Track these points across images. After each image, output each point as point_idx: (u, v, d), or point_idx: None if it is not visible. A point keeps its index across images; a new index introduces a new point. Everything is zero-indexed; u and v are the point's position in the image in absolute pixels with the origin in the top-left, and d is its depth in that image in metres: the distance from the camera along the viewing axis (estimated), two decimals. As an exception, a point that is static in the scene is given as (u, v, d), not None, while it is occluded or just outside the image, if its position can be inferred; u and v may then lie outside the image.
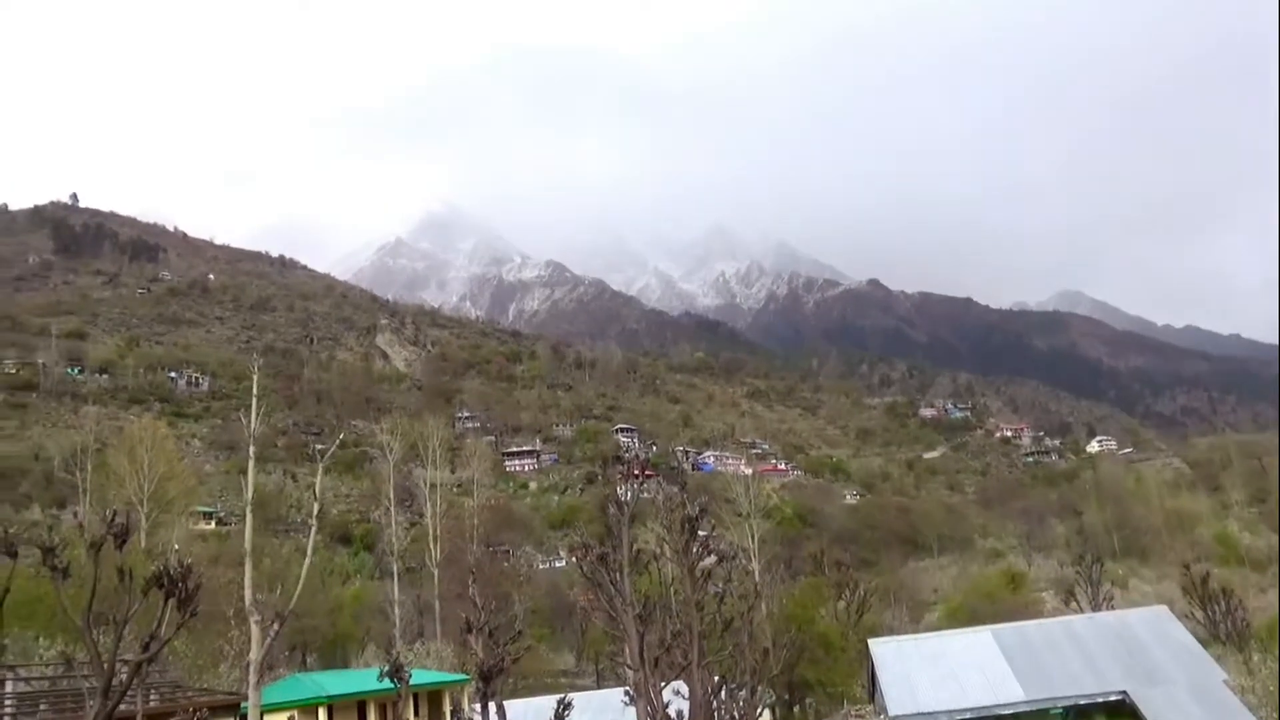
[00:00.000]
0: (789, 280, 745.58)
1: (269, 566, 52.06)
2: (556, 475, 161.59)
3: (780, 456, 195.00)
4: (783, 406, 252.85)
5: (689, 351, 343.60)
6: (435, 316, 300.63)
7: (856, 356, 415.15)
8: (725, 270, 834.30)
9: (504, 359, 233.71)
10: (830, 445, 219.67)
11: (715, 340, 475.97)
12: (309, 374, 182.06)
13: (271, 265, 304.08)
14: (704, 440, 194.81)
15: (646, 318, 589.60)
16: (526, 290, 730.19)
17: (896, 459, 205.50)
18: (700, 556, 21.89)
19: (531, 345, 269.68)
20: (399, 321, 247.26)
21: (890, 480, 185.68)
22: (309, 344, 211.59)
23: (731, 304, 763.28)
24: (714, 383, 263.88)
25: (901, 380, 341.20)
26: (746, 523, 66.83)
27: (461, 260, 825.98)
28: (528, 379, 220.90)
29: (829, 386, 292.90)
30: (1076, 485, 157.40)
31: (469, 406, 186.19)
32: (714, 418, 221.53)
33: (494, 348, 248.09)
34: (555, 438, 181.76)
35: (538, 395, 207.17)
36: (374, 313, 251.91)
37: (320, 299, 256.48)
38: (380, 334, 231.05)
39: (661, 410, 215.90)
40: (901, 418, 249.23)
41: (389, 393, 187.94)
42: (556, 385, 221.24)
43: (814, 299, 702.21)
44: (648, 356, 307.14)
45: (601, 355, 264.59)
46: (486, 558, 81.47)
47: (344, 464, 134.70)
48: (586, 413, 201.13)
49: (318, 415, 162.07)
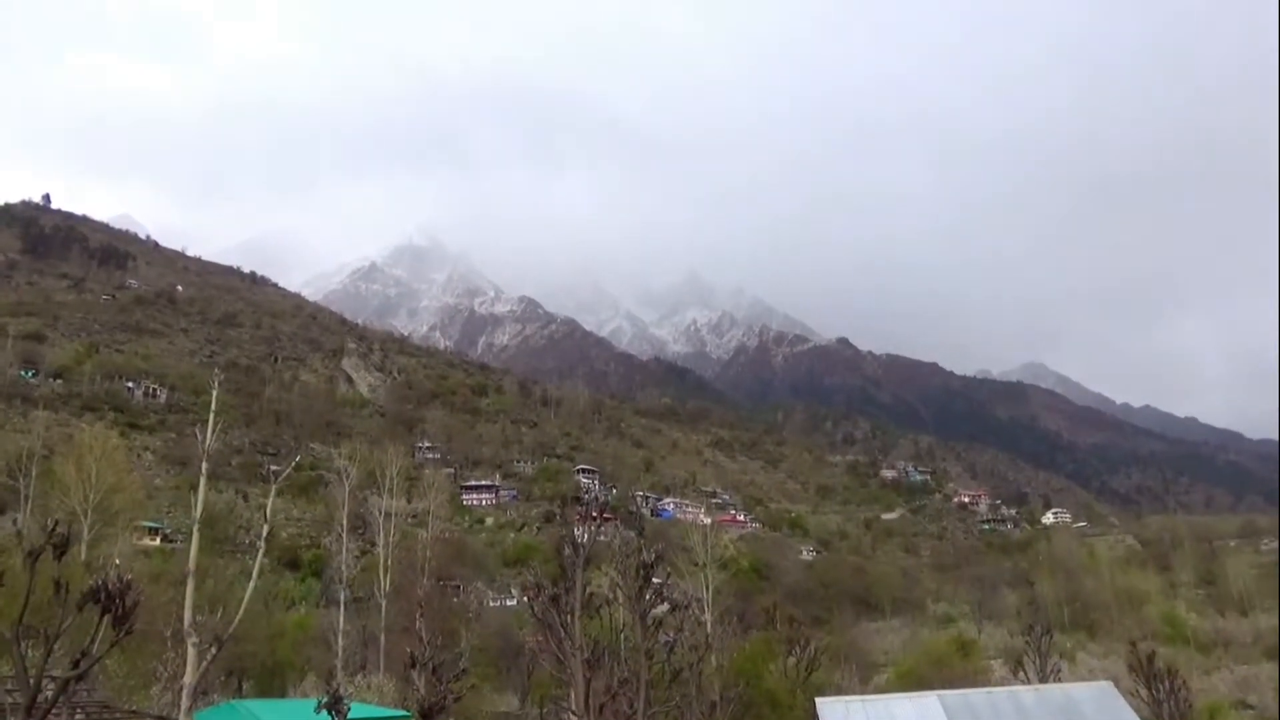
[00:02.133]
0: (759, 333, 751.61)
1: (212, 587, 50.81)
2: (514, 512, 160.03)
3: (740, 508, 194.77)
4: (745, 458, 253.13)
5: (656, 396, 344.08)
6: (403, 344, 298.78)
7: (822, 413, 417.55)
8: (697, 318, 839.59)
9: (470, 391, 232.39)
10: (790, 500, 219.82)
11: (683, 387, 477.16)
12: (270, 393, 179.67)
13: (242, 281, 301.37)
14: (665, 487, 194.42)
15: (616, 360, 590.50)
16: (497, 324, 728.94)
17: (855, 518, 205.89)
18: (653, 604, 21.71)
19: (499, 379, 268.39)
20: (366, 346, 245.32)
21: (848, 539, 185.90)
22: (273, 363, 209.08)
23: (701, 352, 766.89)
24: (679, 429, 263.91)
25: (864, 440, 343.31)
26: (702, 572, 66.29)
27: (434, 290, 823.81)
28: (492, 413, 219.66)
29: (793, 441, 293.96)
30: (1030, 555, 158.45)
31: (430, 437, 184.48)
32: (676, 464, 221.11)
33: (460, 379, 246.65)
34: (516, 474, 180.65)
35: (501, 430, 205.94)
36: (342, 336, 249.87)
37: (288, 318, 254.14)
38: (346, 357, 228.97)
39: (624, 454, 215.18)
40: (862, 477, 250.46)
41: (350, 417, 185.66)
42: (521, 421, 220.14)
43: (783, 353, 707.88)
44: (614, 399, 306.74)
45: (568, 394, 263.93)
46: (436, 592, 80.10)
47: (298, 486, 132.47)
48: (549, 451, 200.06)
49: (275, 435, 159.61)
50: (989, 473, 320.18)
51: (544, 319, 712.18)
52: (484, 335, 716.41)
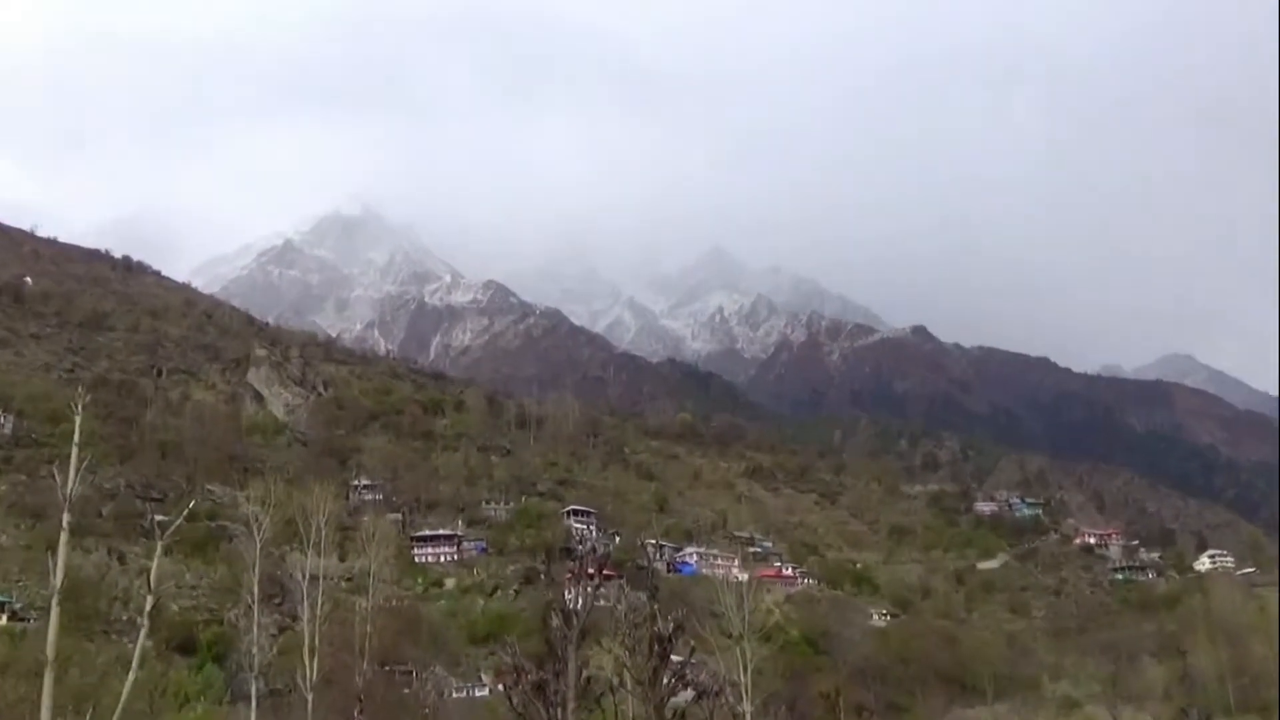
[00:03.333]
0: (807, 323, 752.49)
1: (78, 680, 50.85)
2: (483, 570, 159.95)
3: (787, 558, 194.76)
4: (792, 491, 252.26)
5: (670, 411, 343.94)
6: (331, 348, 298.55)
7: (894, 428, 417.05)
8: (724, 305, 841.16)
9: (420, 409, 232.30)
10: (854, 546, 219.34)
11: (707, 398, 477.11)
12: (153, 418, 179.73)
13: (113, 270, 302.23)
14: (685, 532, 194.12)
15: (616, 363, 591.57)
16: (456, 319, 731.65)
17: (942, 568, 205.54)
18: (673, 690, 21.63)
19: (459, 392, 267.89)
20: (281, 353, 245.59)
21: (932, 597, 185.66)
22: (156, 377, 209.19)
23: (730, 350, 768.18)
24: (702, 454, 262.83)
25: (952, 463, 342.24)
26: (737, 646, 66.17)
27: (371, 275, 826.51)
28: (451, 438, 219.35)
29: (856, 467, 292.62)
30: (1181, 614, 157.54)
31: (369, 471, 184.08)
32: (700, 502, 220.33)
33: (407, 394, 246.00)
34: (484, 519, 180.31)
35: (464, 460, 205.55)
36: (248, 339, 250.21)
37: (175, 317, 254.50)
38: (254, 368, 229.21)
39: (630, 488, 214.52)
40: (950, 513, 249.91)
41: (261, 448, 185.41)
42: (490, 448, 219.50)
43: (840, 349, 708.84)
44: (615, 416, 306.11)
45: (553, 410, 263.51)
46: (381, 680, 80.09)
47: (192, 543, 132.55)
48: (528, 487, 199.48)
49: (161, 475, 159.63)
50: (1121, 503, 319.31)
51: (518, 311, 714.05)
52: (439, 334, 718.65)
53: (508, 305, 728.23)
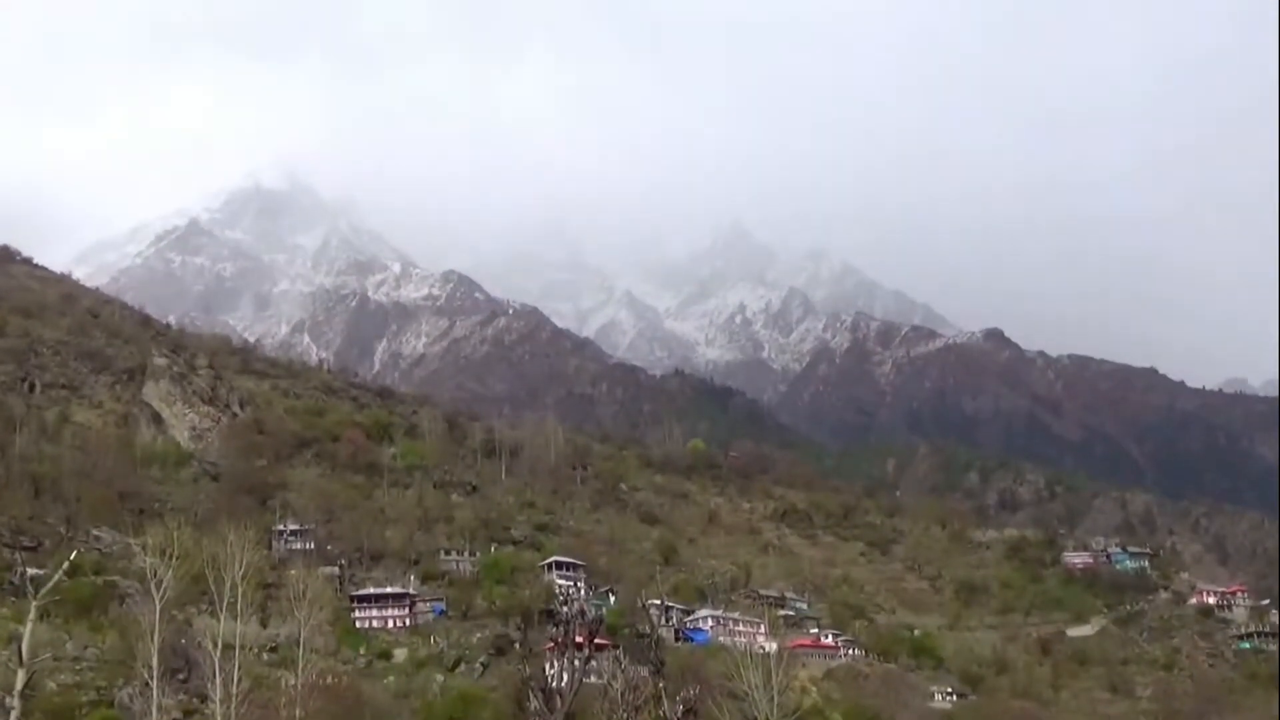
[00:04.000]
0: (852, 325, 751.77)
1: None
2: (442, 638, 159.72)
3: (826, 623, 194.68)
4: (834, 537, 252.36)
5: (679, 437, 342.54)
6: (249, 356, 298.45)
7: (961, 458, 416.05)
8: (746, 303, 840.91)
9: (363, 435, 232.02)
10: (912, 607, 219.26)
11: (724, 420, 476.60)
12: (24, 445, 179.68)
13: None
14: (697, 590, 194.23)
15: (610, 376, 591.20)
16: (407, 319, 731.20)
17: (1022, 636, 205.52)
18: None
19: (411, 413, 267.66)
20: (185, 362, 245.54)
21: (1010, 672, 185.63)
22: (27, 393, 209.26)
23: (755, 360, 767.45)
24: (719, 492, 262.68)
25: (1036, 501, 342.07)
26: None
27: (300, 264, 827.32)
28: (401, 471, 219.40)
29: (914, 507, 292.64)
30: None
31: (298, 513, 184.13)
32: (716, 552, 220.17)
33: (346, 414, 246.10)
34: (443, 574, 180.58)
35: (417, 500, 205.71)
36: (143, 345, 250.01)
37: (52, 317, 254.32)
38: (152, 382, 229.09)
39: (628, 535, 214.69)
40: (1033, 566, 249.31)
41: (161, 483, 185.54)
42: (450, 484, 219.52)
43: (893, 358, 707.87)
44: (609, 443, 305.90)
45: (530, 436, 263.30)
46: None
47: (75, 603, 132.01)
48: (499, 534, 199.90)
49: (34, 517, 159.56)
50: (1249, 552, 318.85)
51: (485, 310, 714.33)
52: (385, 339, 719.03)
53: (472, 302, 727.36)
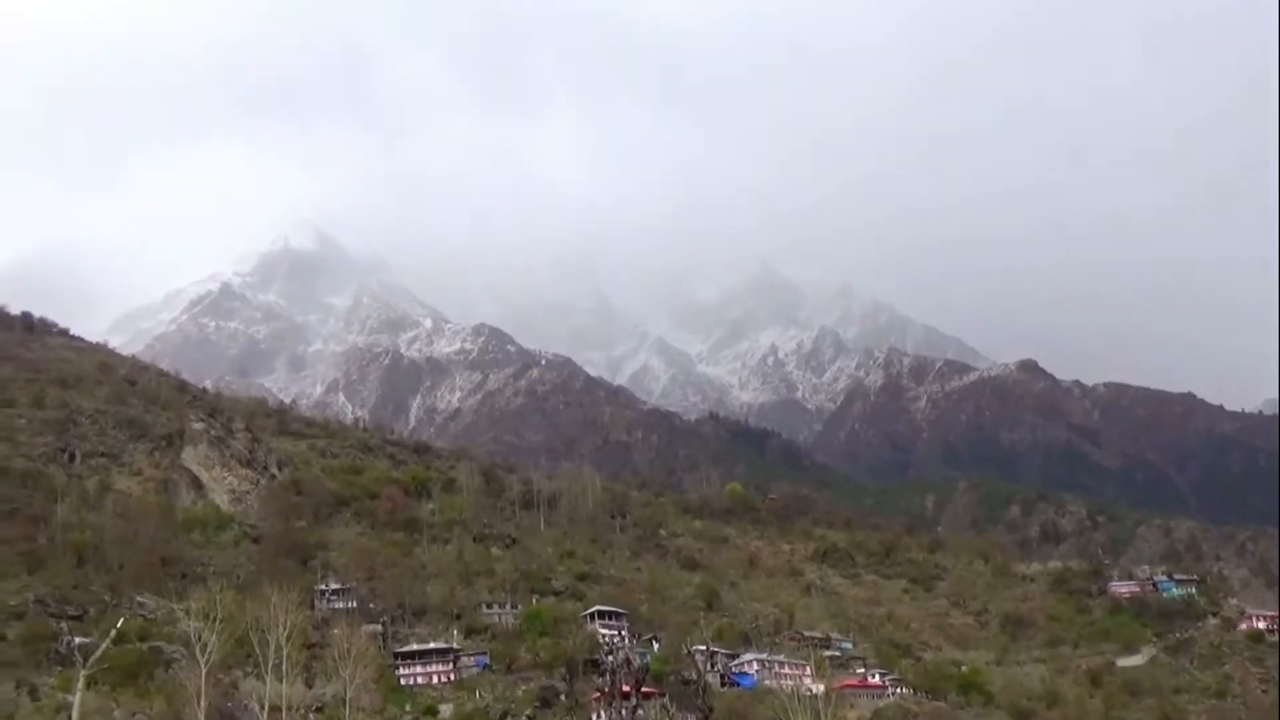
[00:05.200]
0: (885, 362, 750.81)
1: None
2: (488, 692, 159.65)
3: (872, 662, 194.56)
4: (876, 576, 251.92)
5: (716, 481, 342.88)
6: (285, 418, 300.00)
7: (1001, 491, 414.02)
8: (777, 344, 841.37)
9: (401, 492, 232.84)
10: (958, 643, 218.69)
11: (761, 462, 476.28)
12: (66, 515, 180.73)
13: (9, 330, 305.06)
14: (741, 634, 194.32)
15: (644, 423, 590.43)
16: (441, 374, 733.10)
17: (1072, 668, 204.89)
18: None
19: (448, 468, 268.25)
20: (222, 425, 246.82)
21: (1061, 704, 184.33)
22: (68, 463, 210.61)
23: (788, 401, 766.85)
24: (759, 535, 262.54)
25: (1078, 533, 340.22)
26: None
27: (332, 324, 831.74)
28: (440, 526, 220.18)
29: (955, 543, 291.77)
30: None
31: (339, 572, 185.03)
32: (759, 595, 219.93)
33: (383, 471, 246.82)
34: (486, 627, 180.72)
35: (457, 554, 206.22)
36: (180, 410, 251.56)
37: (89, 386, 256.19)
38: (190, 446, 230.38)
39: (669, 580, 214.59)
40: (1079, 597, 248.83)
41: (203, 548, 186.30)
42: (490, 537, 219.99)
43: (928, 393, 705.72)
44: (646, 489, 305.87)
45: (567, 486, 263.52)
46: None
47: (121, 670, 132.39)
48: (540, 585, 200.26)
49: (79, 586, 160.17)
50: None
51: (518, 361, 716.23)
52: (419, 394, 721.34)
53: (505, 355, 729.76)
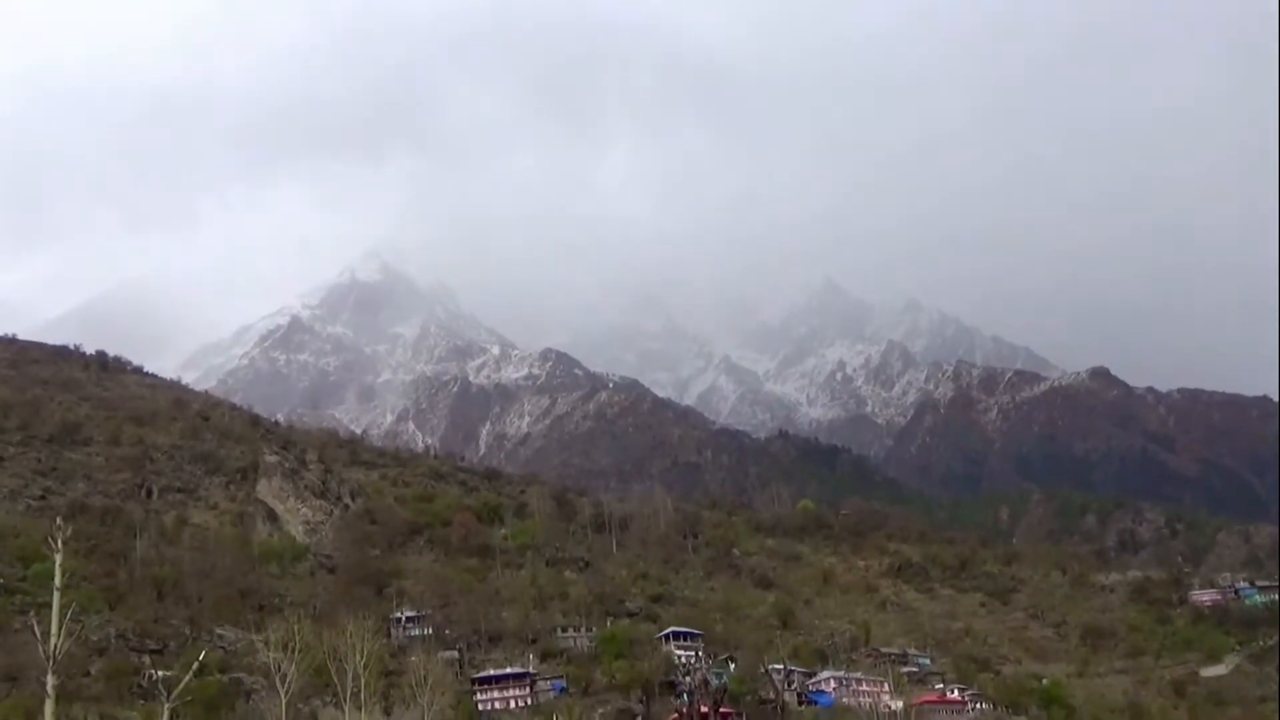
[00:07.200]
0: (954, 374, 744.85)
1: None
2: (565, 716, 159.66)
3: (951, 677, 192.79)
4: (952, 590, 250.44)
5: (788, 498, 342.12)
6: (357, 448, 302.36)
7: (1076, 501, 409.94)
8: (845, 360, 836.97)
9: (473, 518, 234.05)
10: (1037, 656, 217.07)
11: (832, 479, 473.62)
12: (145, 550, 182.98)
13: (85, 369, 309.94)
14: (817, 652, 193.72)
15: (714, 443, 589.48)
16: (509, 400, 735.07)
17: (1155, 679, 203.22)
18: None
19: (519, 493, 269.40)
20: (295, 458, 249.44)
21: (1145, 716, 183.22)
22: (145, 499, 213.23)
23: (858, 416, 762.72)
24: (832, 551, 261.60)
25: (1157, 542, 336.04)
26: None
27: (400, 353, 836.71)
28: (513, 552, 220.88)
29: (1031, 555, 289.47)
30: None
31: (414, 599, 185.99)
32: (834, 612, 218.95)
33: (455, 498, 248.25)
34: (561, 651, 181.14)
35: (531, 579, 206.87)
36: (254, 444, 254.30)
37: (164, 423, 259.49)
38: (265, 479, 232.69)
39: (743, 601, 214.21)
40: (1160, 607, 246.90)
41: (279, 578, 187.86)
42: (563, 561, 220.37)
43: (999, 404, 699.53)
44: (717, 509, 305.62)
45: (639, 508, 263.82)
46: None
47: (203, 702, 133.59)
48: (614, 607, 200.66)
49: (159, 620, 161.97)
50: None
51: (586, 385, 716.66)
52: (489, 421, 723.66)
53: (572, 379, 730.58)
